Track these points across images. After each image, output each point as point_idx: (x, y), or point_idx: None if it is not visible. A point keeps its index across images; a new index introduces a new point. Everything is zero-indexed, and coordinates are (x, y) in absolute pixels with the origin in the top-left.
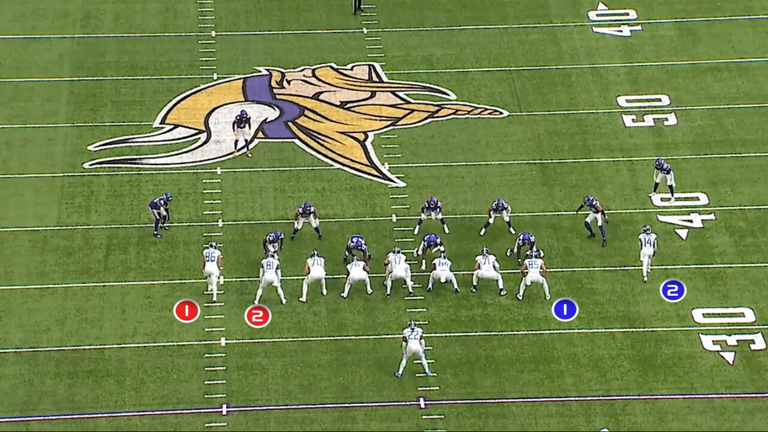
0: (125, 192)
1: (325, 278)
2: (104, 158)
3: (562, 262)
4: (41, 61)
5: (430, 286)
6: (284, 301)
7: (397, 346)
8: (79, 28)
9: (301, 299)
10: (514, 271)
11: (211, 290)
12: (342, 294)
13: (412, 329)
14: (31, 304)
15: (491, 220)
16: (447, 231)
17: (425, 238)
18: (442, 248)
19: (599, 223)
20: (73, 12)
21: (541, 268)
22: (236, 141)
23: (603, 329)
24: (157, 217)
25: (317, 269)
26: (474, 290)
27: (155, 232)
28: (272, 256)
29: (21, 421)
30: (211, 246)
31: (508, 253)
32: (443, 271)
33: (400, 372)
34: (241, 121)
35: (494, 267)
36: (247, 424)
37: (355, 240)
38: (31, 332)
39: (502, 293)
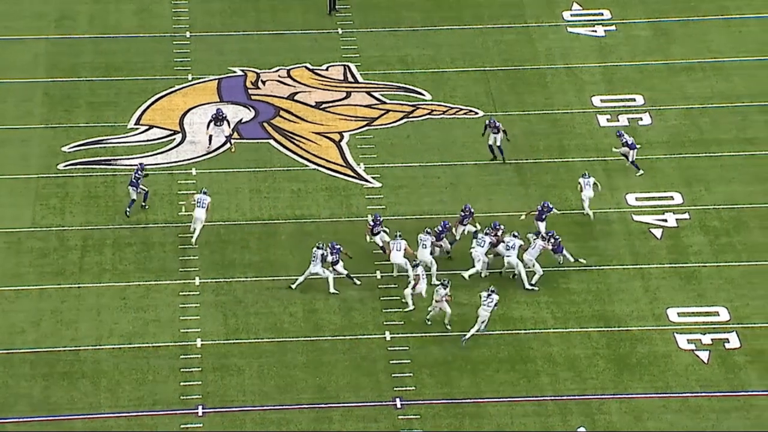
0: (100, 193)
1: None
2: (79, 159)
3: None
4: (16, 61)
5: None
6: (333, 290)
7: (374, 347)
8: (54, 29)
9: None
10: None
11: (193, 235)
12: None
13: (489, 295)
14: (6, 305)
15: (458, 236)
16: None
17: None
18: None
19: (497, 143)
20: (48, 13)
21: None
22: (210, 137)
23: (579, 329)
24: (135, 197)
25: (396, 254)
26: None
27: (143, 204)
28: (318, 247)
29: None
30: (203, 192)
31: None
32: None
33: (466, 338)
34: (218, 119)
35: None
36: (223, 424)
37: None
38: (6, 334)
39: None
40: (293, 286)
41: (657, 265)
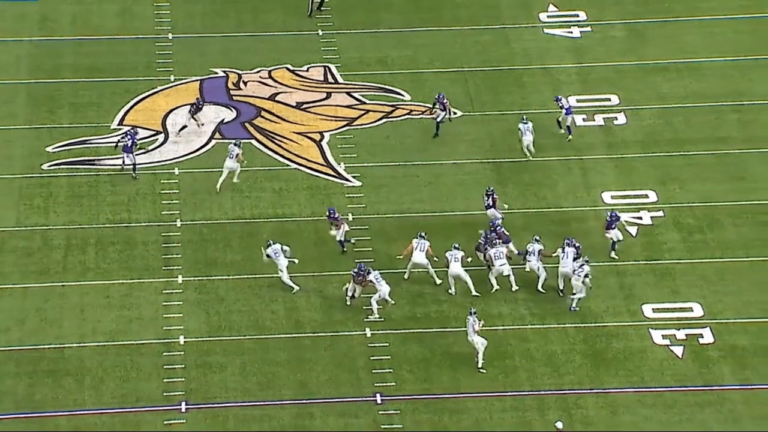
0: (84, 193)
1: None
2: (63, 159)
3: (515, 258)
4: None
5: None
6: (295, 288)
7: (355, 343)
8: (37, 31)
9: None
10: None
11: (221, 181)
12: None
13: (581, 265)
14: None
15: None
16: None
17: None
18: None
19: (439, 119)
20: (31, 14)
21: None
22: (184, 126)
23: (556, 324)
24: (130, 161)
25: (418, 254)
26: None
27: (134, 174)
28: (283, 249)
29: None
30: (234, 144)
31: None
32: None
33: (573, 305)
34: (197, 108)
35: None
36: (206, 421)
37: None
38: None
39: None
40: (294, 290)
41: (632, 261)
